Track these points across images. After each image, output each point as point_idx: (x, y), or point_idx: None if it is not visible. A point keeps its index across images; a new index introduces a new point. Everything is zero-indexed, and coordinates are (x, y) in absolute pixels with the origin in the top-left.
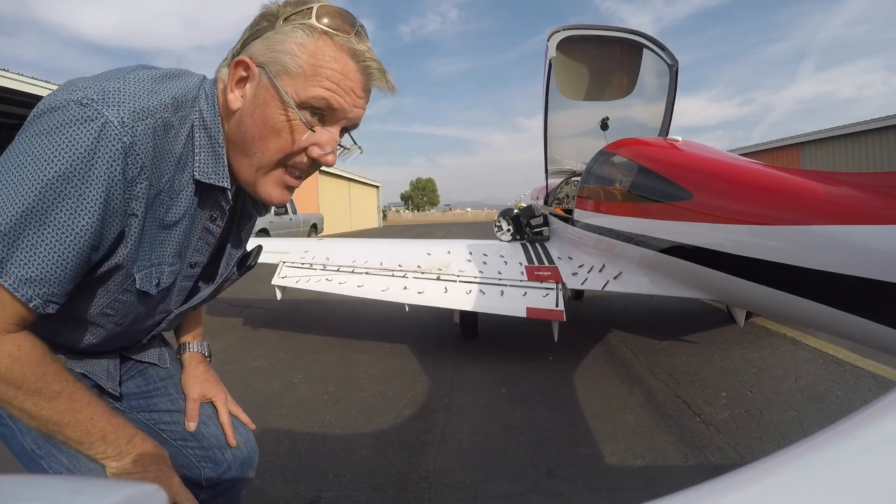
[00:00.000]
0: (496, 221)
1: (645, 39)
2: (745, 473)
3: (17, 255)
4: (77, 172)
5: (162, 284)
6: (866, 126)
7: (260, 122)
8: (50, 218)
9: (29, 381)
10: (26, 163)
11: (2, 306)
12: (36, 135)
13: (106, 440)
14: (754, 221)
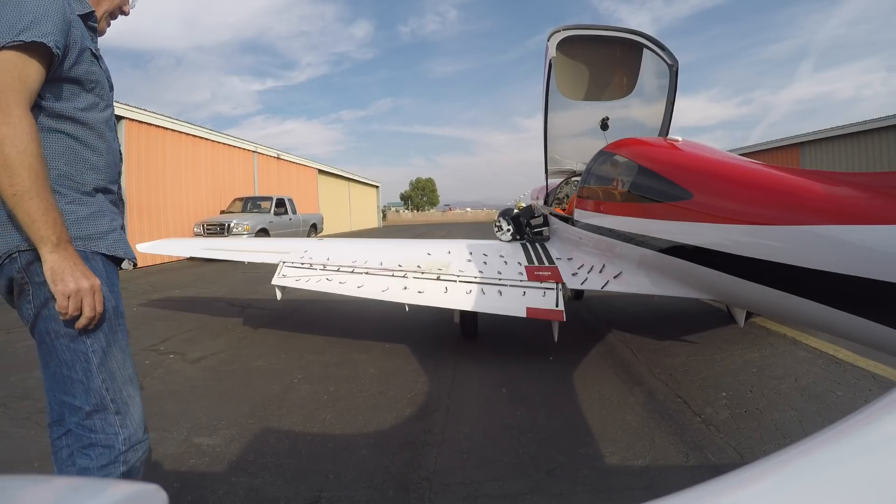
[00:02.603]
0: (496, 221)
1: (645, 39)
2: (745, 473)
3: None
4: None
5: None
6: (866, 126)
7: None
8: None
9: (35, 157)
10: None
11: (18, 69)
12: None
13: (55, 226)
14: (754, 221)
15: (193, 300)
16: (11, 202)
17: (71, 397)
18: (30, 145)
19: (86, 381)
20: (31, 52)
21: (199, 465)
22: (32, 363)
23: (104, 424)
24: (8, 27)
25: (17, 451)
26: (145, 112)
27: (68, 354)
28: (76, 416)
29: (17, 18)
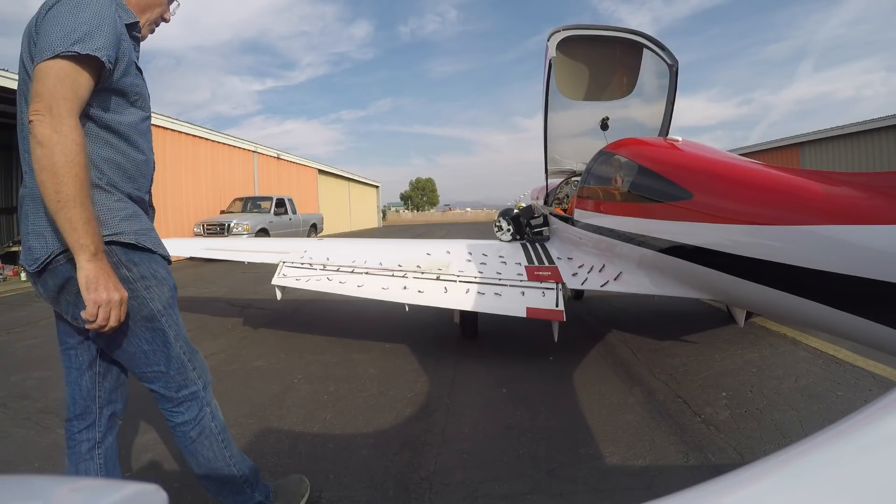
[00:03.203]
0: (496, 221)
1: (645, 39)
2: (745, 473)
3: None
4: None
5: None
6: (866, 126)
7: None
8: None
9: (81, 167)
10: (91, 8)
11: (71, 79)
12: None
13: (93, 236)
14: (754, 221)
15: (193, 300)
16: (54, 208)
17: (155, 366)
18: (78, 155)
19: (167, 350)
20: (84, 63)
21: None
22: (32, 363)
23: (187, 381)
24: (63, 36)
25: (17, 451)
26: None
27: (149, 333)
28: (159, 382)
29: (72, 28)
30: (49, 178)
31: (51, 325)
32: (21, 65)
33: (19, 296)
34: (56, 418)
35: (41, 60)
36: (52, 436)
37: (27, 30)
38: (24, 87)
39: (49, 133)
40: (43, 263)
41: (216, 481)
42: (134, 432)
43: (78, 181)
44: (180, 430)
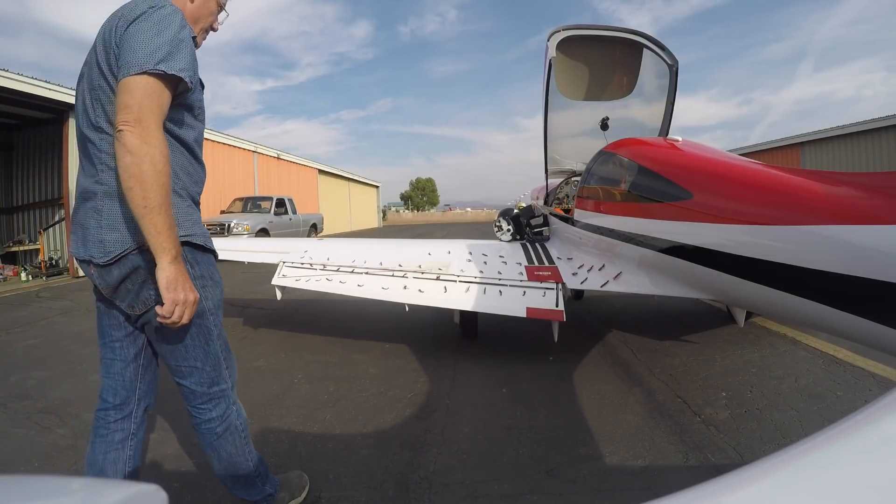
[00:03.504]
0: (496, 221)
1: (645, 39)
2: (745, 473)
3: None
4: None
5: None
6: (866, 126)
7: (201, 10)
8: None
9: (167, 176)
10: (173, 28)
11: (157, 95)
12: (162, 15)
13: (174, 241)
14: (754, 221)
15: None
16: (141, 213)
17: (193, 361)
18: (165, 166)
19: (206, 348)
20: (167, 80)
21: (199, 464)
22: (32, 363)
23: (218, 378)
24: (149, 54)
25: (17, 451)
26: None
27: (195, 329)
28: (193, 377)
29: (157, 47)
30: (137, 185)
31: (50, 326)
32: (95, 63)
33: (19, 296)
34: (56, 418)
35: (129, 75)
36: (52, 436)
37: (104, 34)
38: (99, 82)
39: (139, 144)
40: (116, 257)
41: (234, 476)
42: None
43: (164, 190)
44: (206, 427)
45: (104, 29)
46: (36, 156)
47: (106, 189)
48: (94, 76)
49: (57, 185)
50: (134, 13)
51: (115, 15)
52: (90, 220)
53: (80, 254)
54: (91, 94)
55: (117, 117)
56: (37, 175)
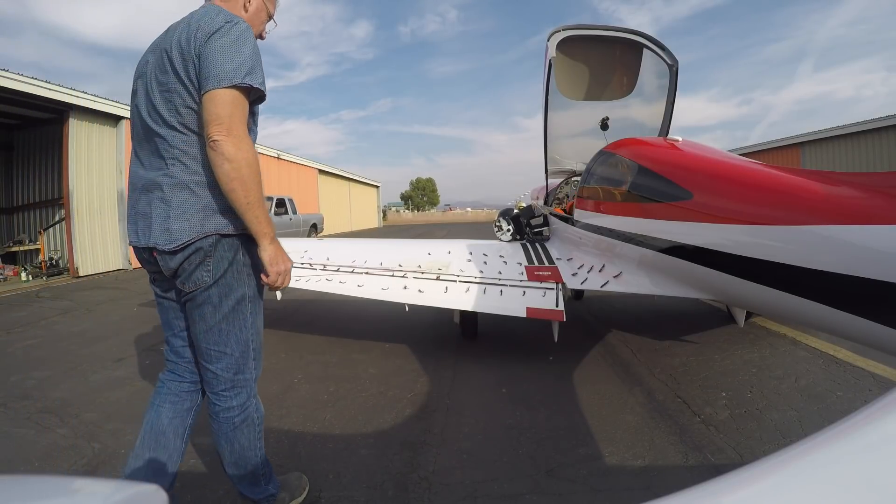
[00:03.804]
0: (496, 221)
1: (645, 39)
2: (745, 473)
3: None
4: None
5: None
6: (866, 126)
7: (255, 19)
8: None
9: (259, 175)
10: (250, 44)
11: (241, 106)
12: (240, 30)
13: (271, 226)
14: (754, 221)
15: None
16: (244, 209)
17: (222, 346)
18: (257, 167)
19: (239, 334)
20: (248, 92)
21: (199, 465)
22: (32, 363)
23: (244, 367)
24: (234, 70)
25: (17, 451)
26: None
27: (232, 312)
28: (221, 362)
29: (241, 62)
30: (239, 186)
31: (50, 326)
32: (170, 68)
33: (19, 296)
34: (56, 418)
35: (218, 87)
36: (52, 436)
37: (179, 41)
38: (175, 85)
39: (234, 151)
40: (182, 245)
41: (242, 470)
42: (134, 432)
43: (259, 187)
44: (225, 416)
45: (178, 35)
46: (36, 156)
47: (174, 181)
48: (168, 80)
49: (57, 185)
50: (212, 26)
51: (187, 24)
52: (156, 210)
53: (142, 241)
54: (162, 94)
55: (210, 128)
56: (37, 175)
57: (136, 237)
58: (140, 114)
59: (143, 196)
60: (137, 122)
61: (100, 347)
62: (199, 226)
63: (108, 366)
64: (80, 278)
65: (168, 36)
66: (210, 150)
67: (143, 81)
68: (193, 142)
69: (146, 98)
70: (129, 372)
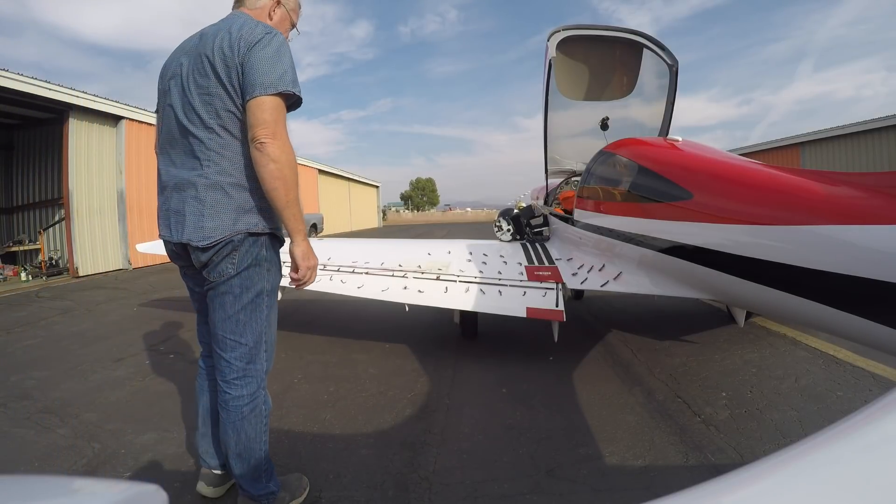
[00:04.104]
0: (496, 221)
1: (645, 39)
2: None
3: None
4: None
5: None
6: (866, 126)
7: (280, 28)
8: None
9: (297, 176)
10: (289, 54)
11: (283, 111)
12: (279, 42)
13: (304, 224)
14: (754, 221)
15: None
16: (283, 206)
17: (238, 335)
18: (296, 167)
19: (255, 325)
20: (287, 98)
21: (199, 465)
22: (32, 363)
23: (256, 357)
24: (278, 77)
25: (17, 451)
26: (146, 112)
27: (250, 304)
28: (235, 352)
29: (284, 71)
30: (281, 185)
31: (50, 326)
32: (211, 72)
33: (19, 296)
34: (56, 418)
35: (264, 94)
36: (52, 436)
37: (221, 48)
38: (216, 89)
39: (279, 153)
40: (214, 242)
41: (245, 462)
42: (134, 432)
43: (297, 187)
44: (234, 405)
45: (219, 42)
46: (36, 156)
47: (209, 182)
48: (209, 84)
49: (57, 185)
50: (253, 37)
51: (227, 32)
52: (189, 208)
53: (175, 237)
54: (202, 97)
55: (257, 130)
56: (37, 175)
57: (169, 233)
58: (175, 114)
59: (175, 194)
60: (172, 122)
61: (100, 347)
62: (231, 224)
63: (108, 366)
64: (80, 278)
65: (205, 42)
66: (256, 152)
67: (177, 82)
68: (229, 144)
69: (182, 99)
70: (129, 372)
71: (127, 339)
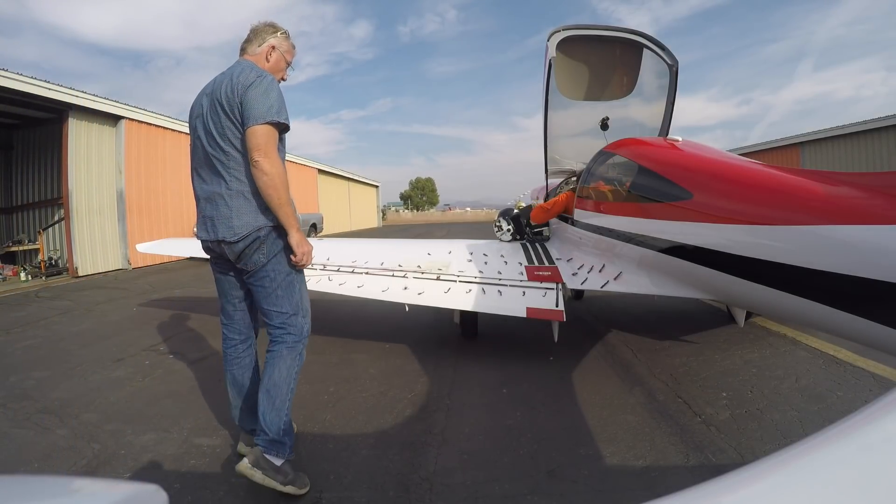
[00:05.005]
0: (496, 221)
1: (645, 39)
2: (745, 473)
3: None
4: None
5: None
6: (866, 126)
7: (277, 67)
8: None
9: (286, 184)
10: (275, 90)
11: (273, 135)
12: (268, 82)
13: (297, 219)
14: (754, 221)
15: (193, 300)
16: (277, 207)
17: (279, 307)
18: (285, 176)
19: (291, 297)
20: (278, 125)
21: (199, 465)
22: (32, 363)
23: (296, 321)
24: (266, 111)
25: (17, 451)
26: (145, 112)
27: (286, 282)
28: (279, 318)
29: (270, 105)
30: (273, 192)
31: (49, 326)
32: (221, 111)
33: (19, 296)
34: (55, 418)
35: (256, 124)
36: (52, 436)
37: (225, 92)
38: (227, 123)
39: (269, 167)
40: (242, 236)
41: (271, 400)
42: (134, 432)
43: (287, 192)
44: (276, 347)
45: (223, 88)
46: (36, 156)
47: (233, 191)
48: (221, 120)
49: (56, 185)
50: (248, 80)
51: (230, 78)
52: (221, 212)
53: (212, 236)
54: (217, 129)
55: (253, 153)
56: (36, 175)
57: (206, 233)
58: (202, 144)
59: (208, 204)
60: (199, 149)
61: (99, 347)
62: (254, 221)
63: (108, 366)
64: (80, 278)
65: (216, 87)
66: (253, 168)
67: (200, 120)
68: (241, 162)
69: (205, 131)
70: (129, 372)
71: (127, 339)
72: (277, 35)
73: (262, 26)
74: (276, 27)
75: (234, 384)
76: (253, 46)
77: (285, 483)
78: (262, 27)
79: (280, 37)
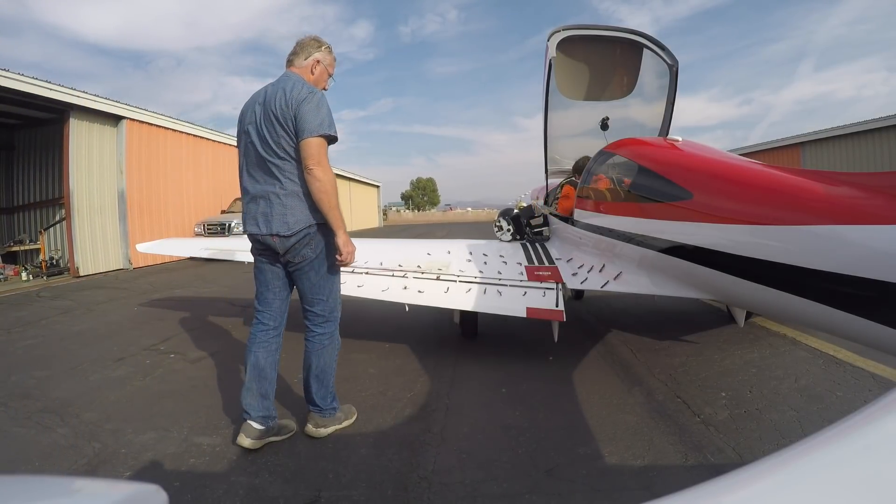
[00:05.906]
0: (496, 221)
1: (645, 39)
2: (745, 473)
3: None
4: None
5: None
6: (866, 126)
7: (320, 79)
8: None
9: (337, 190)
10: (325, 106)
11: (324, 146)
12: (319, 97)
13: (343, 221)
14: (754, 221)
15: (194, 300)
16: (328, 210)
17: (322, 297)
18: (336, 184)
19: (332, 287)
20: (327, 137)
21: (199, 464)
22: (32, 363)
23: (333, 310)
24: (319, 125)
25: (17, 451)
26: (146, 112)
27: (327, 276)
28: (319, 306)
29: (322, 119)
30: (325, 197)
31: (51, 325)
32: (274, 120)
33: (20, 295)
34: (56, 418)
35: (311, 136)
36: (53, 435)
37: (279, 105)
38: (281, 132)
39: (322, 175)
40: (295, 231)
41: (321, 382)
42: (134, 431)
43: (337, 197)
44: (318, 338)
45: (278, 100)
46: (37, 156)
47: (287, 191)
48: (275, 128)
49: (57, 185)
50: (301, 96)
51: (283, 91)
52: (276, 210)
53: (264, 231)
54: (273, 138)
55: (307, 161)
56: (37, 175)
57: (258, 228)
58: (255, 149)
59: (262, 201)
60: (252, 152)
61: (100, 347)
62: (306, 218)
63: (108, 366)
64: (81, 278)
65: (269, 99)
66: (307, 174)
67: (253, 126)
68: (294, 167)
69: (259, 138)
70: (129, 372)
71: (127, 339)
72: (322, 49)
73: (308, 40)
74: (320, 42)
75: (256, 367)
76: (299, 59)
77: (342, 421)
78: (307, 41)
79: (324, 51)
